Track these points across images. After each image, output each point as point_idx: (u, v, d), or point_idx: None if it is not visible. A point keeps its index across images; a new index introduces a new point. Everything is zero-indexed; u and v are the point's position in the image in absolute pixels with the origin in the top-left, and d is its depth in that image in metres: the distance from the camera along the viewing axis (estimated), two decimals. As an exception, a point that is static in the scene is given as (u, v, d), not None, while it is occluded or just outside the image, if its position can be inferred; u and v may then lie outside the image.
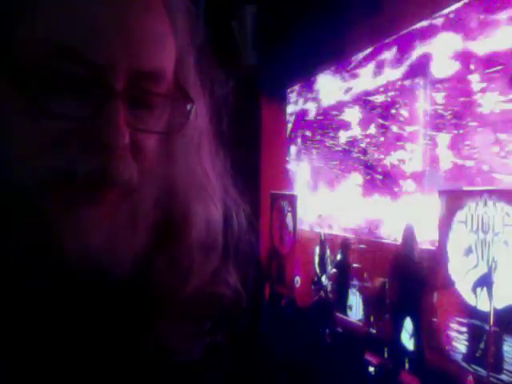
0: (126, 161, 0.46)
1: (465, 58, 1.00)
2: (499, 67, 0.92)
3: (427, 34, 1.11)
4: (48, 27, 0.43)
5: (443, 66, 1.06)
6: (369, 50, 1.33)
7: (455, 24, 1.03)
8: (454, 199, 1.01)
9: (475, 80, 0.97)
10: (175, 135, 0.51)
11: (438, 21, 1.07)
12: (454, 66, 1.03)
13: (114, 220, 0.47)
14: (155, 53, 0.48)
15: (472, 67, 0.98)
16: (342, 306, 1.45)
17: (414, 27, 1.15)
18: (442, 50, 1.06)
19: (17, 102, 0.44)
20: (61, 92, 0.44)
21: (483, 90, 0.95)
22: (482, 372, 0.94)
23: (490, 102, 0.94)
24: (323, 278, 1.57)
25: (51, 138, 0.45)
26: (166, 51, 0.49)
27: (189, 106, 0.50)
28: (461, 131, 1.01)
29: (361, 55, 1.37)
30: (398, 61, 1.21)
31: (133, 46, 0.45)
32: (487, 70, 0.94)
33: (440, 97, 1.07)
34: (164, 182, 0.51)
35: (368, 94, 1.34)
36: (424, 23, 1.11)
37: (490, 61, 0.94)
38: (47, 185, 0.45)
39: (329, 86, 1.54)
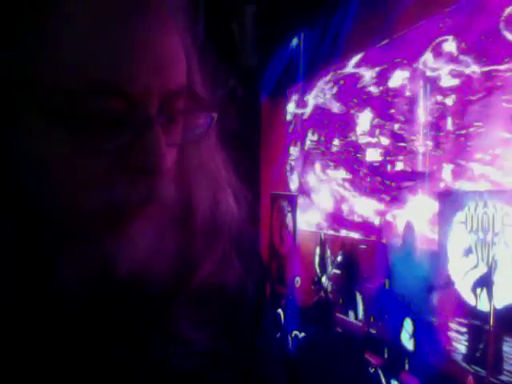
0: (167, 179, 0.48)
1: (468, 56, 1.00)
2: (504, 65, 0.92)
3: (429, 32, 1.11)
4: (87, 66, 0.43)
5: (444, 65, 1.06)
6: (369, 50, 1.33)
7: (457, 22, 1.03)
8: (454, 199, 1.02)
9: (478, 78, 0.97)
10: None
11: (440, 20, 1.07)
12: (456, 65, 1.03)
13: (156, 228, 0.48)
14: (178, 70, 0.49)
15: (476, 66, 0.98)
16: (349, 306, 1.45)
17: (415, 27, 1.15)
18: (443, 49, 1.07)
19: (60, 140, 0.44)
20: (101, 126, 0.44)
21: (486, 89, 0.95)
22: (482, 372, 0.94)
23: (493, 101, 0.94)
24: (323, 278, 1.57)
25: (95, 173, 0.45)
26: (183, 64, 0.50)
27: (212, 115, 0.51)
28: (463, 131, 1.01)
29: (361, 55, 1.37)
30: (400, 60, 1.21)
31: (161, 70, 0.46)
32: (491, 68, 0.94)
33: (441, 97, 1.07)
34: (178, 175, 0.52)
35: (369, 93, 1.34)
36: (426, 22, 1.12)
37: (494, 58, 0.94)
38: (97, 216, 0.46)
39: (329, 86, 1.54)
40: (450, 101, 1.04)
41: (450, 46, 1.04)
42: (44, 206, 0.46)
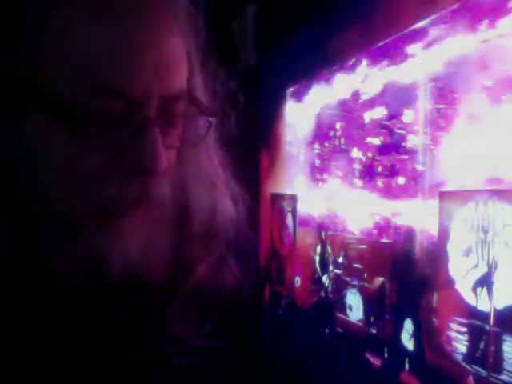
0: (163, 180, 0.48)
1: (466, 55, 1.00)
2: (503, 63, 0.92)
3: (427, 32, 1.11)
4: (87, 66, 0.44)
5: (444, 64, 1.06)
6: (369, 50, 1.33)
7: (455, 22, 1.03)
8: (454, 199, 1.02)
9: (478, 77, 0.97)
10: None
11: (438, 19, 1.07)
12: (455, 64, 1.03)
13: (147, 228, 0.49)
14: (179, 73, 0.50)
15: (475, 64, 0.98)
16: (349, 305, 1.45)
17: (414, 26, 1.15)
18: (442, 48, 1.07)
19: (59, 138, 0.45)
20: (99, 125, 0.45)
21: (486, 88, 0.95)
22: (482, 372, 0.95)
23: (493, 100, 0.94)
24: (324, 278, 1.57)
25: (92, 171, 0.46)
26: (184, 67, 0.50)
27: (210, 120, 0.52)
28: (463, 131, 1.01)
29: (360, 55, 1.37)
30: (398, 60, 1.21)
31: (163, 73, 0.47)
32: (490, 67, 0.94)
33: (442, 96, 1.07)
34: (176, 179, 0.53)
35: (368, 93, 1.34)
36: (424, 22, 1.12)
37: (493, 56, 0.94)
38: (91, 211, 0.46)
39: (329, 86, 1.54)
40: (450, 99, 1.04)
41: (450, 42, 1.04)
42: (40, 203, 0.46)
